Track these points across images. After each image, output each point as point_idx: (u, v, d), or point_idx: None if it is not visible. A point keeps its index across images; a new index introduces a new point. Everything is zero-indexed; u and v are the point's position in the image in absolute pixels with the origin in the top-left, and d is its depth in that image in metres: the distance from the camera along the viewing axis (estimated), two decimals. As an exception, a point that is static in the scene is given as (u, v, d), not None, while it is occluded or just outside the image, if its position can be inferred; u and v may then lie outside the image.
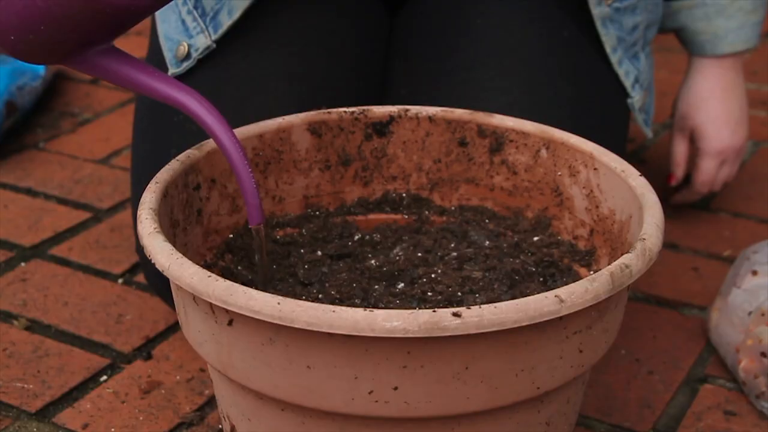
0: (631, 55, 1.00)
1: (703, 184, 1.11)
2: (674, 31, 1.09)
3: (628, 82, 1.00)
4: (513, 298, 0.70)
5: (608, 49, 0.98)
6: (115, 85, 0.72)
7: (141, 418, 0.87)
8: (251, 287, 0.62)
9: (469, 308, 0.59)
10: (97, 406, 0.88)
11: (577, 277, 0.79)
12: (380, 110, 0.86)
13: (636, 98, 1.01)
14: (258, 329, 0.62)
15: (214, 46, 0.93)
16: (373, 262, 0.81)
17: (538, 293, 0.62)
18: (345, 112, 0.85)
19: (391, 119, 0.86)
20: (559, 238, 0.83)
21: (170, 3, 0.73)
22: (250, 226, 0.73)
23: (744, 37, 1.06)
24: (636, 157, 1.31)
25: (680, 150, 1.12)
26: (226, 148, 0.70)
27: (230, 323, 0.64)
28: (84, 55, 0.70)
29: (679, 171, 1.13)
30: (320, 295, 0.76)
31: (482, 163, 0.86)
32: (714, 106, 1.08)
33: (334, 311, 0.59)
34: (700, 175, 1.11)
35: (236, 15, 0.93)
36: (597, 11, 0.96)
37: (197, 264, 0.64)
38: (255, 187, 0.71)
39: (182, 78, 0.94)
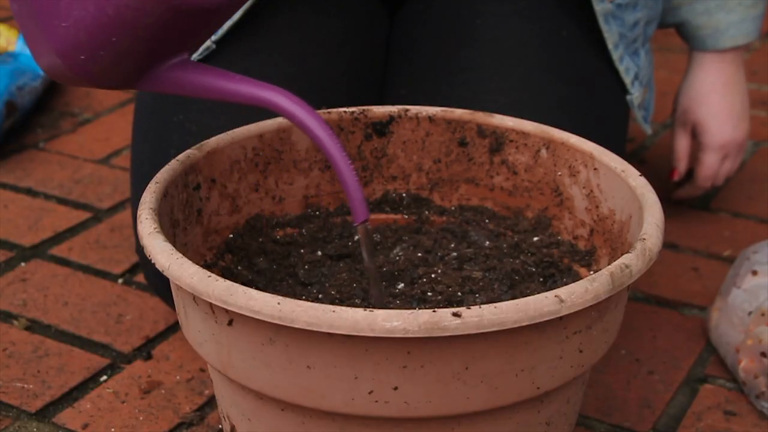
0: (631, 51, 1.00)
1: (706, 178, 1.12)
2: (675, 26, 1.09)
3: (627, 79, 1.00)
4: (513, 298, 0.70)
5: (610, 46, 0.98)
6: (195, 97, 0.68)
7: (141, 418, 0.87)
8: (251, 287, 0.62)
9: (469, 308, 0.59)
10: (97, 406, 0.88)
11: (577, 277, 0.79)
12: (380, 110, 0.86)
13: (635, 95, 1.01)
14: (258, 329, 0.62)
15: (214, 46, 0.93)
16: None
17: (538, 293, 0.62)
18: (345, 112, 0.85)
19: (391, 119, 0.86)
20: (559, 238, 0.83)
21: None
22: (355, 224, 0.68)
23: (745, 31, 1.06)
24: (636, 157, 1.31)
25: (682, 145, 1.12)
26: (324, 144, 0.66)
27: (230, 323, 0.64)
28: (158, 72, 0.66)
29: (681, 166, 1.13)
30: (320, 295, 0.76)
31: (482, 163, 0.86)
32: (716, 100, 1.09)
33: (334, 311, 0.59)
34: (702, 169, 1.11)
35: (236, 16, 0.93)
36: (599, 8, 0.96)
37: (197, 264, 0.64)
38: (357, 182, 0.66)
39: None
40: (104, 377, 0.92)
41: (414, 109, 0.86)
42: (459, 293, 0.76)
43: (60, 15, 0.63)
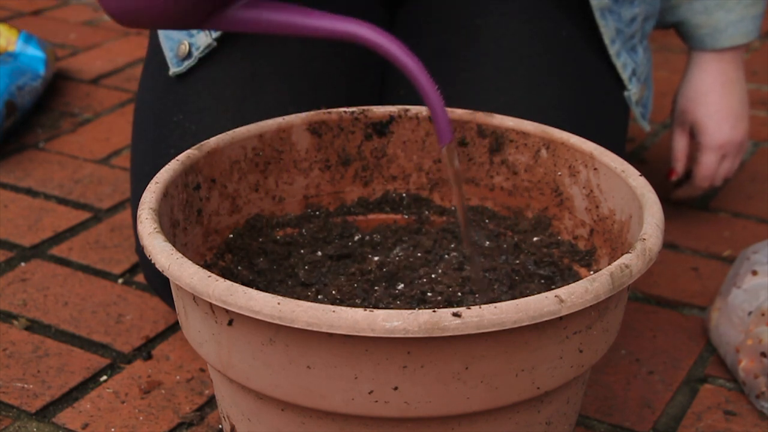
0: (629, 47, 1.00)
1: (704, 178, 1.11)
2: (674, 25, 1.09)
3: (625, 75, 1.00)
4: (513, 298, 0.70)
5: (606, 41, 0.98)
6: (267, 33, 0.69)
7: (141, 418, 0.87)
8: (251, 287, 0.62)
9: (469, 308, 0.59)
10: (97, 406, 0.88)
11: (577, 277, 0.79)
12: (380, 110, 0.86)
13: (633, 91, 1.01)
14: (258, 329, 0.62)
15: (215, 44, 0.93)
16: (373, 262, 0.81)
17: (538, 293, 0.62)
18: (345, 112, 0.85)
19: (391, 119, 0.86)
20: (559, 238, 0.83)
21: None
22: (440, 145, 0.70)
23: (744, 31, 1.06)
24: (636, 157, 1.32)
25: (680, 145, 1.12)
26: (412, 71, 0.68)
27: (230, 323, 0.64)
28: (232, 11, 0.68)
29: (679, 166, 1.13)
30: (320, 296, 0.76)
31: (482, 163, 0.86)
32: (714, 100, 1.09)
33: (334, 311, 0.59)
34: (700, 169, 1.11)
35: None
36: (595, 2, 0.96)
37: (197, 264, 0.64)
38: (443, 106, 0.69)
39: (183, 77, 0.94)
40: (104, 377, 0.92)
41: (414, 109, 0.86)
42: (459, 293, 0.76)
43: None
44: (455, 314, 0.59)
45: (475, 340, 0.61)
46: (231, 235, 0.82)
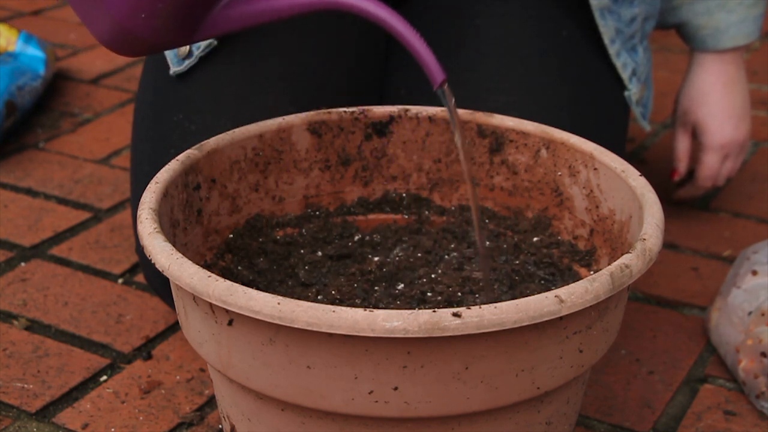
0: (629, 47, 1.00)
1: (707, 178, 1.12)
2: (676, 26, 1.10)
3: (625, 75, 1.00)
4: (513, 298, 0.70)
5: (606, 41, 0.98)
6: (255, 26, 0.69)
7: (141, 418, 0.87)
8: (251, 287, 0.62)
9: (469, 308, 0.59)
10: (97, 406, 0.88)
11: (577, 277, 0.79)
12: (380, 110, 0.86)
13: (633, 91, 1.01)
14: (258, 329, 0.62)
15: (216, 42, 0.93)
16: (373, 262, 0.81)
17: (538, 293, 0.62)
18: (345, 112, 0.85)
19: (391, 119, 0.86)
20: (559, 238, 0.83)
21: None
22: (434, 89, 0.70)
23: (745, 31, 1.06)
24: (636, 157, 1.32)
25: (683, 145, 1.12)
26: (389, 23, 0.68)
27: (230, 323, 0.64)
28: (214, 15, 0.68)
29: (681, 166, 1.13)
30: (320, 296, 0.76)
31: (482, 163, 0.86)
32: (716, 100, 1.09)
33: (334, 311, 0.59)
34: (703, 169, 1.11)
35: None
36: (595, 2, 0.96)
37: (197, 264, 0.64)
38: (428, 48, 0.68)
39: (183, 76, 0.94)
40: (104, 377, 0.92)
41: (414, 109, 0.86)
42: (459, 293, 0.76)
43: None
44: (455, 314, 0.59)
45: (475, 340, 0.61)
46: (231, 235, 0.82)
